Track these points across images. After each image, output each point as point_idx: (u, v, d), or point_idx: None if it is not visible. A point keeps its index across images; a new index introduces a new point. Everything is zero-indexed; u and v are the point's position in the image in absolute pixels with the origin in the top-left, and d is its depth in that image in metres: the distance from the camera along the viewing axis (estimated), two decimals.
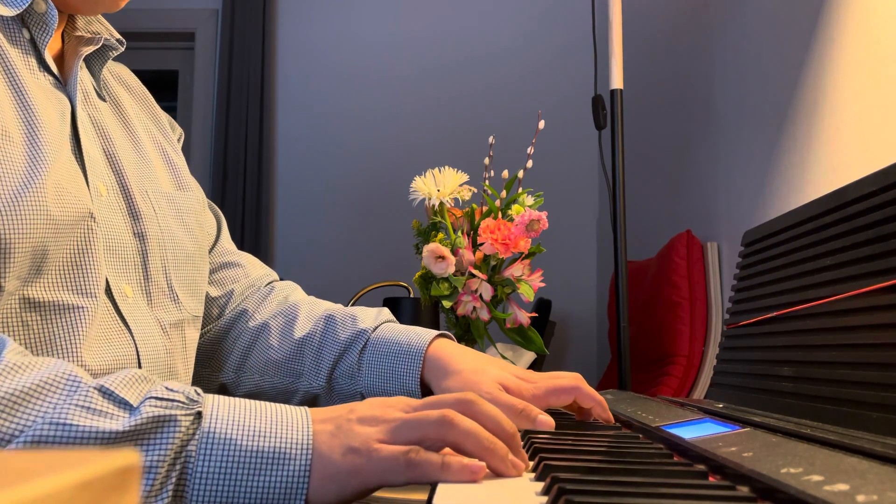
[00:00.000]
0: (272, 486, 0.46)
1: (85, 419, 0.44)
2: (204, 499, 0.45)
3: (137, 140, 0.77)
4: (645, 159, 2.20)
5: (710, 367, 1.53)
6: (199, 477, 0.45)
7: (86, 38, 0.73)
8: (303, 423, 0.49)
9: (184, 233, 0.77)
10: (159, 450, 0.45)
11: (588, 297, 2.71)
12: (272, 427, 0.48)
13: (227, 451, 0.46)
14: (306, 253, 2.79)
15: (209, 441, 0.46)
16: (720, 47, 1.67)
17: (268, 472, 0.46)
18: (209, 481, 0.45)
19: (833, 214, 0.64)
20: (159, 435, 0.45)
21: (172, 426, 0.46)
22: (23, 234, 0.56)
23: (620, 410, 0.76)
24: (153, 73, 3.09)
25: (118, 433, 0.44)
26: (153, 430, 0.45)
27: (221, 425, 0.47)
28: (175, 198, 0.78)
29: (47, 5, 0.65)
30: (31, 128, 0.60)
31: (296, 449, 0.47)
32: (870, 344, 0.54)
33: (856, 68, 1.11)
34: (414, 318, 1.98)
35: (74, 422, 0.44)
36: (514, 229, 1.13)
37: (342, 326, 0.84)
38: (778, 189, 1.35)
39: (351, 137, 2.82)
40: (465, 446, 0.47)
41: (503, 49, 2.81)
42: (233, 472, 0.46)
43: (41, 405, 0.44)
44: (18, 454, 0.19)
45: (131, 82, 0.85)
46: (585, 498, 0.37)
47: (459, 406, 0.50)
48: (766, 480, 0.37)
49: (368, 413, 0.50)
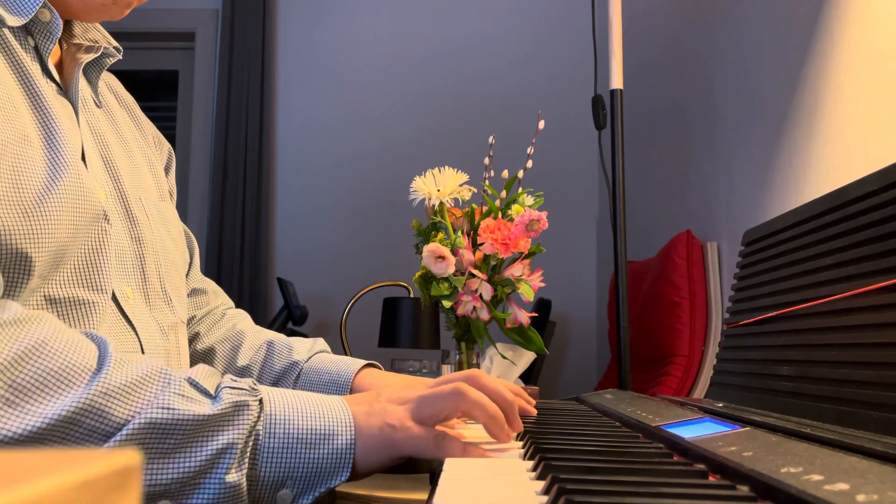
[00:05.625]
0: (325, 457, 0.54)
1: (183, 404, 0.52)
2: (270, 469, 0.53)
3: (129, 148, 0.79)
4: (645, 159, 2.20)
5: (709, 366, 1.53)
6: (267, 451, 0.54)
7: (85, 46, 0.74)
8: (342, 405, 0.57)
9: (170, 241, 0.80)
10: (238, 429, 0.53)
11: (588, 297, 2.71)
12: (318, 410, 0.56)
13: (287, 429, 0.54)
14: (306, 253, 2.79)
15: (272, 422, 0.54)
16: (720, 47, 1.67)
17: (321, 446, 0.55)
18: (274, 454, 0.54)
19: (833, 214, 0.64)
20: (237, 417, 0.53)
21: (246, 410, 0.54)
22: (46, 236, 0.59)
23: (620, 410, 0.76)
24: (153, 73, 3.09)
25: (208, 416, 0.52)
26: (232, 413, 0.53)
27: (280, 409, 0.55)
28: (162, 207, 0.81)
29: (52, 14, 0.66)
30: (49, 132, 0.63)
31: (341, 426, 0.55)
32: (870, 343, 0.54)
33: (856, 68, 1.11)
34: (414, 318, 1.98)
35: (176, 406, 0.52)
36: (514, 229, 1.13)
37: (279, 357, 0.90)
38: (778, 189, 1.35)
39: (351, 137, 2.82)
40: (473, 413, 0.58)
41: (503, 49, 2.81)
42: (292, 446, 0.54)
43: (146, 394, 0.52)
44: (18, 454, 0.19)
45: (121, 92, 0.87)
46: (585, 497, 0.37)
47: (469, 380, 0.60)
48: (766, 480, 0.37)
49: (395, 394, 0.60)
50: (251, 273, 2.73)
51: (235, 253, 2.74)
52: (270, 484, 0.53)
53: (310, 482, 0.54)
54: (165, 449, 0.51)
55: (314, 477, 0.54)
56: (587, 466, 0.46)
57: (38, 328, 0.51)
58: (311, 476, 0.54)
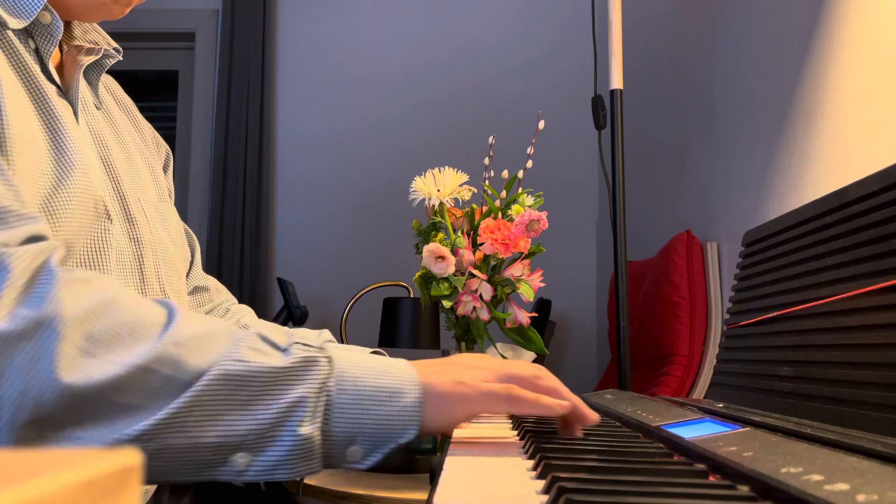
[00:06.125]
0: (393, 414, 0.55)
1: (256, 357, 0.54)
2: (342, 424, 0.55)
3: (128, 149, 0.80)
4: (645, 159, 2.20)
5: (710, 366, 1.53)
6: (338, 407, 0.55)
7: (85, 48, 0.74)
8: (407, 365, 0.59)
9: (169, 241, 0.80)
10: (309, 383, 0.54)
11: (588, 297, 2.71)
12: (385, 369, 0.58)
13: (357, 386, 0.56)
14: (306, 253, 2.79)
15: (342, 379, 0.56)
16: (720, 47, 1.67)
17: (389, 402, 0.56)
18: (345, 410, 0.55)
19: (834, 215, 0.64)
20: (308, 372, 0.55)
21: (316, 366, 0.55)
22: (54, 234, 0.60)
23: (620, 410, 0.76)
24: (153, 73, 3.09)
25: (280, 368, 0.54)
26: (303, 368, 0.55)
27: (348, 367, 0.57)
28: (161, 208, 0.81)
29: (52, 16, 0.67)
30: (55, 132, 0.64)
31: (409, 384, 0.57)
32: (870, 344, 0.54)
33: (856, 68, 1.11)
34: (414, 318, 1.98)
35: (250, 359, 0.53)
36: (514, 229, 1.13)
37: None
38: (778, 189, 1.35)
39: (351, 137, 2.82)
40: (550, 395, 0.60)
41: (503, 49, 2.81)
42: (363, 403, 0.55)
43: (217, 346, 0.53)
44: (19, 454, 0.19)
45: (119, 94, 0.88)
46: (585, 497, 0.37)
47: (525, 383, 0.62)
48: (766, 480, 0.37)
49: (466, 361, 0.63)
50: (251, 273, 2.73)
51: (235, 253, 2.74)
52: (341, 440, 0.55)
53: (379, 439, 0.55)
54: (241, 401, 0.52)
55: (383, 434, 0.55)
56: (587, 466, 0.46)
57: (106, 286, 0.53)
58: (379, 433, 0.55)
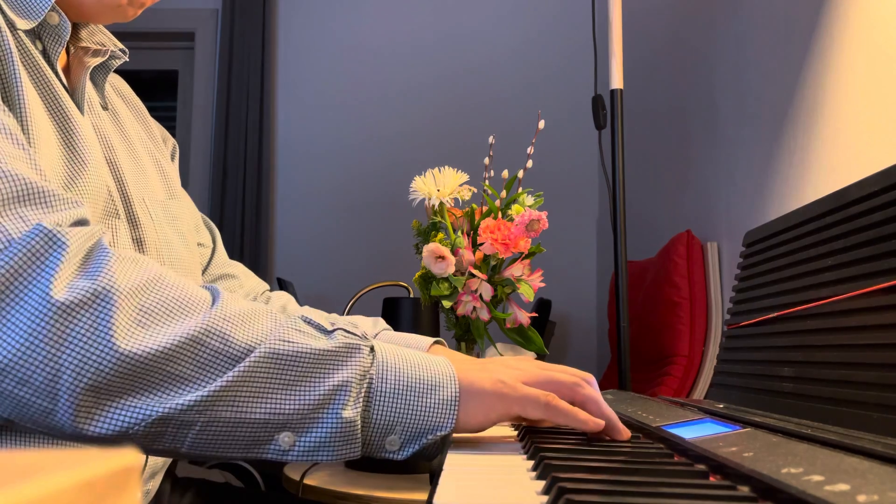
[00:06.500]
0: (431, 406, 0.56)
1: (301, 338, 0.55)
2: (382, 413, 0.56)
3: (134, 149, 0.80)
4: (645, 159, 2.20)
5: (710, 367, 1.53)
6: (379, 395, 0.56)
7: (92, 50, 0.74)
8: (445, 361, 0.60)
9: (178, 239, 0.80)
10: (351, 369, 0.55)
11: (588, 297, 2.71)
12: (424, 363, 0.59)
13: (398, 377, 0.57)
14: (306, 253, 2.79)
15: (384, 368, 0.57)
16: (720, 47, 1.67)
17: (427, 395, 0.57)
18: (386, 398, 0.56)
19: (834, 215, 0.64)
20: (351, 357, 0.56)
21: (359, 352, 0.56)
22: None
23: (621, 410, 0.76)
24: (153, 73, 3.09)
25: (325, 350, 0.55)
26: (346, 353, 0.56)
27: (390, 358, 0.58)
28: (169, 206, 0.81)
29: (60, 17, 0.67)
30: (67, 133, 0.64)
31: (446, 379, 0.58)
32: (871, 344, 0.54)
33: (856, 68, 1.11)
34: (414, 318, 1.98)
35: (295, 339, 0.55)
36: (514, 229, 1.13)
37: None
38: (778, 189, 1.35)
39: (351, 137, 2.82)
40: (587, 406, 0.59)
41: (503, 49, 2.81)
42: (403, 393, 0.56)
43: (262, 325, 0.55)
44: (18, 454, 0.19)
45: (127, 93, 0.88)
46: (585, 497, 0.36)
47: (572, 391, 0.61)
48: (766, 480, 0.37)
49: (508, 362, 0.63)
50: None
51: (235, 253, 2.74)
52: (381, 428, 0.55)
53: (416, 431, 0.56)
54: (287, 380, 0.53)
55: (420, 426, 0.56)
56: (587, 466, 0.46)
57: (154, 266, 0.55)
58: (417, 424, 0.56)
